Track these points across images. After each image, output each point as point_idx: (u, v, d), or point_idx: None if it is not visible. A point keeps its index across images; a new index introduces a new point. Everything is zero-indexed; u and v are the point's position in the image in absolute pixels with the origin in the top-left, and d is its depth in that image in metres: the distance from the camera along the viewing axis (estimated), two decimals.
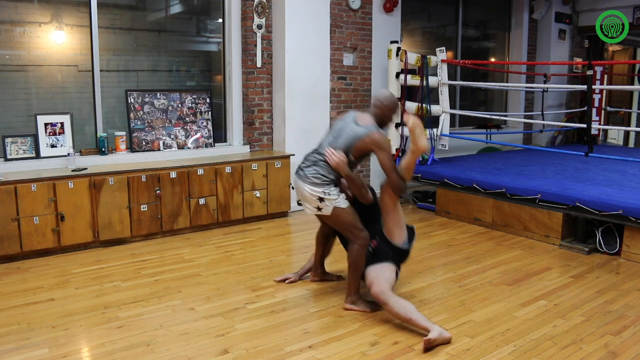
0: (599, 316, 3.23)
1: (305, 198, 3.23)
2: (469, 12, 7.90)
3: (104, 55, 5.00)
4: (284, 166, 5.49)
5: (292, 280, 3.73)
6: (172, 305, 3.34)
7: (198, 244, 4.64)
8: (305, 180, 3.19)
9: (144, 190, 4.62)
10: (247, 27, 5.57)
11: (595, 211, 4.35)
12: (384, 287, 3.04)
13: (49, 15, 4.77)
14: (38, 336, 2.92)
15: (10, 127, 4.64)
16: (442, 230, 5.17)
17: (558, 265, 4.15)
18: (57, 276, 3.84)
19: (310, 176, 3.18)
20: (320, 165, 3.20)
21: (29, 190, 4.10)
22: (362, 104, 6.31)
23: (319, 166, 3.20)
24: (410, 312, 2.94)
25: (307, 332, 2.99)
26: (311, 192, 3.16)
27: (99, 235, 4.44)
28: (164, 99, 5.28)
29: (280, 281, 3.74)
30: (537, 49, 8.56)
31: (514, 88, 8.01)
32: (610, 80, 9.42)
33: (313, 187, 3.15)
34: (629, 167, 5.87)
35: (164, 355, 2.73)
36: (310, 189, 3.16)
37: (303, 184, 3.20)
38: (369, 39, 6.25)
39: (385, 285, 3.05)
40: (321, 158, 3.22)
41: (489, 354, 2.76)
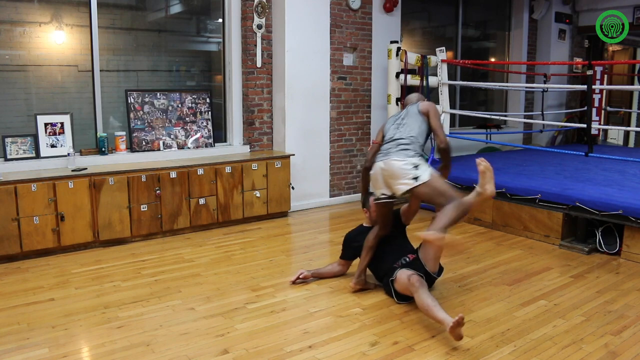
0: (599, 316, 3.23)
1: (398, 174, 3.21)
2: (469, 12, 7.90)
3: (104, 55, 5.01)
4: (284, 166, 5.49)
5: (304, 276, 3.70)
6: (172, 305, 3.34)
7: (198, 244, 4.64)
8: (398, 155, 3.24)
9: (144, 190, 4.62)
10: (247, 27, 5.57)
11: (595, 211, 4.35)
12: (418, 281, 3.11)
13: (49, 15, 4.77)
14: (38, 336, 2.92)
15: (10, 127, 4.64)
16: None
17: (558, 265, 4.15)
18: (57, 276, 3.84)
19: (402, 152, 3.26)
20: (406, 145, 3.29)
21: (29, 190, 4.10)
22: (362, 104, 6.31)
23: (404, 145, 3.29)
24: (432, 306, 2.94)
25: (307, 332, 2.99)
26: (405, 163, 3.19)
27: (99, 235, 4.44)
28: (164, 99, 5.28)
29: (296, 279, 3.69)
30: (537, 49, 8.57)
31: (513, 88, 8.01)
32: (610, 80, 9.43)
33: (408, 158, 3.22)
34: (629, 167, 5.86)
35: (164, 355, 2.73)
36: (404, 161, 3.21)
37: (395, 159, 3.23)
38: (369, 39, 6.25)
39: (418, 279, 3.12)
40: (407, 142, 3.31)
41: (489, 354, 2.76)
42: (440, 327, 3.05)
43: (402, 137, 3.35)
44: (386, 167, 3.28)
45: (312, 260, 4.23)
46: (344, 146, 6.22)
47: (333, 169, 6.17)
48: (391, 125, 3.54)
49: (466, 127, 7.83)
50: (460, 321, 2.71)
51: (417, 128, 3.41)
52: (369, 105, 6.38)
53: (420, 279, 3.16)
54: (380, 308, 3.31)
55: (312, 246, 4.64)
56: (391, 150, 3.32)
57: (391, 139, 3.40)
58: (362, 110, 6.33)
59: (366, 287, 3.60)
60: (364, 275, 3.59)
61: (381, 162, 3.32)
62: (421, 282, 3.13)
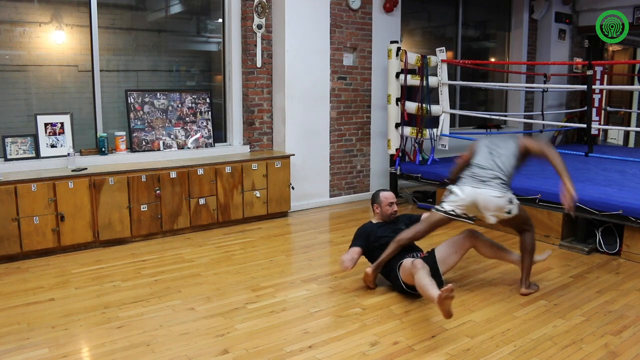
0: (599, 316, 3.23)
1: (494, 208, 3.37)
2: (469, 12, 7.90)
3: (104, 55, 5.01)
4: (284, 166, 5.49)
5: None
6: (172, 305, 3.34)
7: (198, 244, 4.64)
8: (495, 189, 3.36)
9: (144, 190, 4.62)
10: (247, 27, 5.57)
11: (595, 211, 4.35)
12: (420, 263, 3.21)
13: (49, 15, 4.77)
14: (38, 336, 2.92)
15: (10, 127, 4.64)
16: (442, 230, 5.15)
17: (558, 265, 4.15)
18: (57, 276, 3.84)
19: (500, 186, 3.39)
20: (502, 179, 3.43)
21: (29, 190, 4.10)
22: (362, 104, 6.31)
23: (501, 179, 3.42)
24: (428, 285, 3.04)
25: (307, 332, 2.99)
26: (504, 199, 3.36)
27: (99, 235, 4.44)
28: (164, 99, 5.28)
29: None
30: (537, 49, 8.56)
31: (513, 88, 8.01)
32: (610, 80, 9.42)
33: (505, 193, 3.37)
34: (629, 167, 5.86)
35: (164, 355, 2.73)
36: (503, 197, 3.36)
37: (494, 195, 3.36)
38: (369, 39, 6.25)
39: (421, 262, 3.23)
40: (498, 174, 3.44)
41: (489, 354, 2.76)
42: (440, 327, 3.06)
43: (500, 170, 3.46)
44: (483, 198, 3.39)
45: (312, 260, 4.23)
46: (344, 146, 6.22)
47: (333, 169, 6.17)
48: (485, 148, 3.64)
49: (466, 127, 7.82)
50: (448, 292, 2.75)
51: (513, 161, 3.54)
52: (369, 106, 6.38)
53: (423, 262, 3.22)
54: (380, 308, 3.31)
55: (312, 246, 4.64)
56: (487, 181, 3.42)
57: (488, 168, 3.50)
58: (362, 111, 6.33)
59: (372, 285, 3.61)
60: (378, 271, 3.58)
61: (476, 190, 3.42)
62: (423, 264, 3.19)
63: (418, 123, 6.02)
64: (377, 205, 3.74)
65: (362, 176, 6.46)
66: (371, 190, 6.52)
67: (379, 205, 3.73)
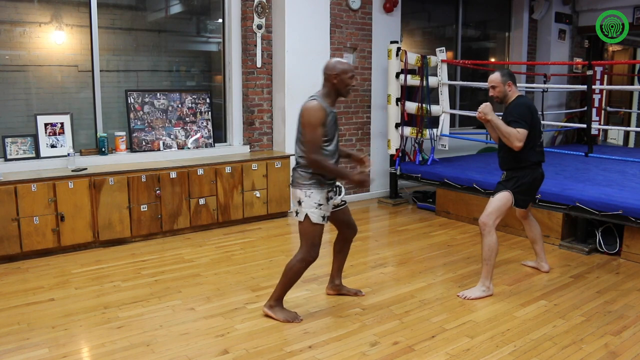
0: (599, 316, 3.23)
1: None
2: (469, 12, 7.90)
3: (104, 55, 5.00)
4: (284, 166, 5.49)
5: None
6: (172, 305, 3.34)
7: (198, 244, 4.64)
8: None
9: (144, 190, 4.62)
10: (247, 27, 5.57)
11: (595, 211, 4.34)
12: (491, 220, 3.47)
13: (49, 15, 4.77)
14: (38, 336, 2.92)
15: (10, 127, 4.64)
16: (442, 230, 5.17)
17: (558, 265, 4.15)
18: (57, 276, 3.84)
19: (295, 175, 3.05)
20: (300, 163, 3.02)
21: (29, 190, 4.10)
22: (362, 104, 6.31)
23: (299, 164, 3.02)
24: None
25: (307, 332, 2.99)
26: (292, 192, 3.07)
27: (99, 236, 4.44)
28: (164, 99, 5.28)
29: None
30: (537, 49, 8.56)
31: None
32: (610, 80, 9.42)
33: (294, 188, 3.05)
34: (629, 167, 5.86)
35: (164, 355, 2.73)
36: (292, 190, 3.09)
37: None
38: (369, 39, 6.25)
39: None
40: (299, 153, 3.01)
41: (489, 354, 2.76)
42: (440, 327, 3.06)
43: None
44: None
45: None
46: (343, 146, 6.18)
47: None
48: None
49: (466, 127, 7.82)
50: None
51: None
52: (369, 106, 6.38)
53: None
54: (380, 308, 3.31)
55: None
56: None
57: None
58: (362, 111, 6.33)
59: (343, 293, 3.49)
60: (337, 280, 3.50)
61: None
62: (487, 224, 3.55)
63: (418, 123, 6.02)
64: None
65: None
66: (371, 190, 6.53)
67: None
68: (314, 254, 3.06)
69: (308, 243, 3.04)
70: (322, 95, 3.01)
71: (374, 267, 4.10)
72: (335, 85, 3.00)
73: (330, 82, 3.01)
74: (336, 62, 3.03)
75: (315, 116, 2.90)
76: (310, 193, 2.96)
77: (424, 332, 3.00)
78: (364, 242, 4.76)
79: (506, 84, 3.57)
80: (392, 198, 6.33)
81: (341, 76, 2.99)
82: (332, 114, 3.00)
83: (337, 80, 2.99)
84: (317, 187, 2.97)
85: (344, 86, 3.01)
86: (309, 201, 2.96)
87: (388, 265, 4.16)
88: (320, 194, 2.98)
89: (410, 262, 4.21)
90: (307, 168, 2.97)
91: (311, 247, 3.04)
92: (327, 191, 3.02)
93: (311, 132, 2.89)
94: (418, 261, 4.23)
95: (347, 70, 3.00)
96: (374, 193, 6.54)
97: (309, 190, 2.97)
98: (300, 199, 2.98)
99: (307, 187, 2.97)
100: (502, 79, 3.56)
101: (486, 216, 3.52)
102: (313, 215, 2.97)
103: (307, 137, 2.90)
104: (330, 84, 3.01)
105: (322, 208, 2.99)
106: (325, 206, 3.01)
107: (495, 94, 3.61)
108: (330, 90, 3.03)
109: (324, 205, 3.00)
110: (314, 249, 3.05)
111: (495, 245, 3.48)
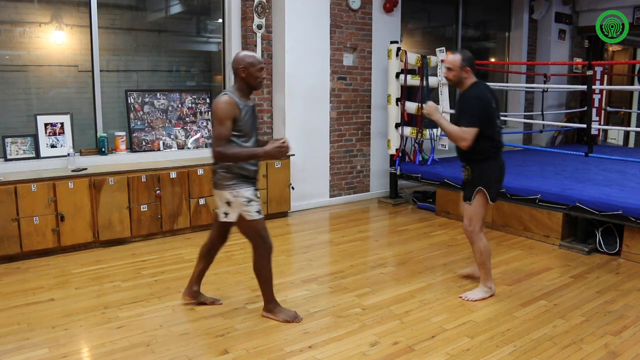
0: (599, 316, 3.23)
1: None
2: (469, 12, 7.90)
3: (104, 55, 5.00)
4: (284, 166, 5.49)
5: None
6: (172, 305, 3.34)
7: (198, 244, 4.59)
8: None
9: (144, 190, 4.62)
10: (247, 27, 5.57)
11: (595, 211, 4.34)
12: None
13: (49, 15, 4.77)
14: (38, 336, 2.92)
15: (10, 127, 4.64)
16: (442, 230, 5.17)
17: (558, 266, 4.15)
18: (57, 276, 3.84)
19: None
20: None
21: (29, 191, 4.10)
22: (362, 104, 6.31)
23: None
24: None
25: (307, 332, 2.99)
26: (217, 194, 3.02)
27: (99, 236, 4.44)
28: (164, 99, 5.28)
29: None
30: (537, 49, 8.56)
31: (514, 88, 8.01)
32: (610, 80, 9.42)
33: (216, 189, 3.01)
34: (629, 167, 5.86)
35: (164, 355, 2.73)
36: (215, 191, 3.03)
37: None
38: (369, 39, 6.25)
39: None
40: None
41: (489, 354, 2.76)
42: (440, 327, 3.06)
43: None
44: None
45: (312, 260, 4.23)
46: (344, 146, 6.22)
47: (333, 169, 6.17)
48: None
49: None
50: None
51: None
52: (369, 106, 6.38)
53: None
54: (380, 308, 3.31)
55: (312, 246, 4.64)
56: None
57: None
58: (362, 111, 6.33)
59: (200, 301, 3.34)
60: (195, 286, 3.35)
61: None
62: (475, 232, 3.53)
63: (418, 123, 6.02)
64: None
65: (362, 176, 6.46)
66: (371, 191, 6.53)
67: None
68: (267, 245, 3.04)
69: (256, 238, 3.03)
70: (234, 90, 2.98)
71: (374, 267, 4.10)
72: (245, 78, 2.97)
73: (239, 75, 2.97)
74: (244, 55, 2.99)
75: (223, 109, 2.87)
76: (236, 193, 2.95)
77: (424, 332, 3.00)
78: (364, 242, 4.77)
79: (464, 69, 3.39)
80: (392, 198, 6.33)
81: (249, 69, 2.95)
82: (247, 107, 2.97)
83: (245, 74, 2.95)
84: (241, 185, 2.96)
85: (253, 79, 2.97)
86: (238, 200, 2.95)
87: (388, 265, 4.16)
88: (247, 191, 2.97)
89: (410, 262, 4.21)
90: (226, 168, 2.95)
91: (261, 240, 3.03)
92: (253, 188, 3.01)
93: (218, 126, 2.86)
94: (418, 261, 4.22)
95: (255, 63, 2.97)
96: (374, 193, 6.54)
97: (234, 190, 2.95)
98: (228, 200, 2.96)
99: (231, 187, 2.95)
100: (461, 63, 3.37)
101: (469, 224, 3.45)
102: (247, 214, 2.96)
103: (214, 132, 2.88)
104: (239, 77, 2.98)
105: (253, 203, 2.98)
106: (255, 201, 3.00)
107: (450, 77, 3.45)
108: (242, 84, 2.99)
109: (254, 200, 2.99)
110: (265, 240, 3.03)
111: (486, 248, 3.45)
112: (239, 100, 2.92)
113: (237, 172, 2.94)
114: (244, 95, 2.99)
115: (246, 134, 2.96)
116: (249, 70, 2.94)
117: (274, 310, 3.14)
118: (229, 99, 2.89)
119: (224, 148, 2.85)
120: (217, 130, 2.86)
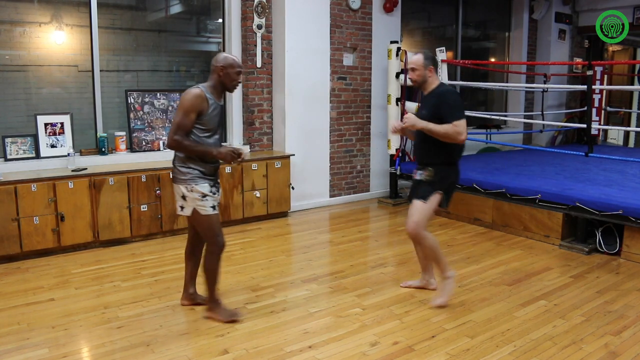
0: (599, 316, 3.23)
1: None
2: (469, 12, 7.90)
3: (104, 55, 5.00)
4: (284, 166, 5.49)
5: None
6: (172, 305, 3.34)
7: None
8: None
9: (144, 190, 4.62)
10: (247, 27, 5.57)
11: (595, 211, 4.34)
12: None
13: (49, 15, 4.77)
14: (38, 336, 2.92)
15: (10, 127, 4.64)
16: (442, 230, 5.17)
17: (558, 265, 4.15)
18: (57, 276, 3.84)
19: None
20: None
21: (29, 190, 4.10)
22: (362, 104, 6.31)
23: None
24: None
25: (307, 332, 2.99)
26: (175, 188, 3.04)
27: (99, 236, 4.44)
28: (164, 99, 5.28)
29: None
30: (537, 49, 8.56)
31: (514, 88, 8.01)
32: (610, 80, 9.42)
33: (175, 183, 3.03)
34: (629, 167, 5.86)
35: (164, 355, 2.73)
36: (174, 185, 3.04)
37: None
38: (369, 39, 6.25)
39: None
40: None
41: (489, 354, 2.76)
42: (440, 327, 3.06)
43: None
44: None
45: (312, 260, 4.23)
46: (344, 146, 6.22)
47: (333, 169, 6.17)
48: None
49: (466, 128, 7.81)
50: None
51: None
52: (369, 106, 6.38)
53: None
54: (381, 308, 3.31)
55: (312, 246, 4.64)
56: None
57: None
58: (362, 111, 6.33)
59: (197, 302, 3.31)
60: (191, 289, 3.33)
61: None
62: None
63: None
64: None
65: (362, 176, 6.46)
66: (371, 190, 6.53)
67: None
68: (219, 242, 3.03)
69: (209, 235, 3.02)
70: (208, 87, 2.99)
71: (374, 267, 4.10)
72: (221, 78, 2.98)
73: (216, 74, 2.98)
74: (225, 56, 3.01)
75: (190, 100, 2.89)
76: (191, 187, 2.95)
77: (424, 332, 3.00)
78: (364, 242, 4.77)
79: (427, 68, 3.40)
80: (392, 198, 6.33)
81: (227, 70, 2.97)
82: (215, 105, 2.98)
83: (222, 73, 2.97)
84: (197, 180, 2.96)
85: (229, 80, 2.99)
86: (193, 195, 2.95)
87: (388, 265, 4.16)
88: (202, 187, 2.97)
89: (410, 262, 4.21)
90: (183, 162, 2.96)
91: (213, 237, 3.02)
92: (209, 185, 3.00)
93: (181, 115, 2.88)
94: (418, 261, 4.22)
95: (234, 65, 2.99)
96: (374, 193, 6.54)
97: (189, 185, 2.95)
98: (183, 194, 2.97)
99: (186, 182, 2.95)
100: (425, 62, 3.38)
101: (415, 226, 3.28)
102: (201, 208, 2.97)
103: (176, 120, 2.89)
104: (216, 75, 2.99)
105: (208, 199, 2.98)
106: (211, 197, 3.00)
107: (414, 77, 3.46)
108: (217, 82, 3.00)
109: (209, 196, 2.99)
110: (217, 238, 3.02)
111: (434, 243, 3.32)
112: (210, 95, 2.95)
113: (193, 167, 2.96)
114: (216, 94, 3.01)
115: (210, 129, 2.98)
116: (227, 71, 2.97)
117: (215, 311, 3.12)
118: (200, 92, 2.91)
119: (181, 138, 2.88)
120: (180, 120, 2.89)
